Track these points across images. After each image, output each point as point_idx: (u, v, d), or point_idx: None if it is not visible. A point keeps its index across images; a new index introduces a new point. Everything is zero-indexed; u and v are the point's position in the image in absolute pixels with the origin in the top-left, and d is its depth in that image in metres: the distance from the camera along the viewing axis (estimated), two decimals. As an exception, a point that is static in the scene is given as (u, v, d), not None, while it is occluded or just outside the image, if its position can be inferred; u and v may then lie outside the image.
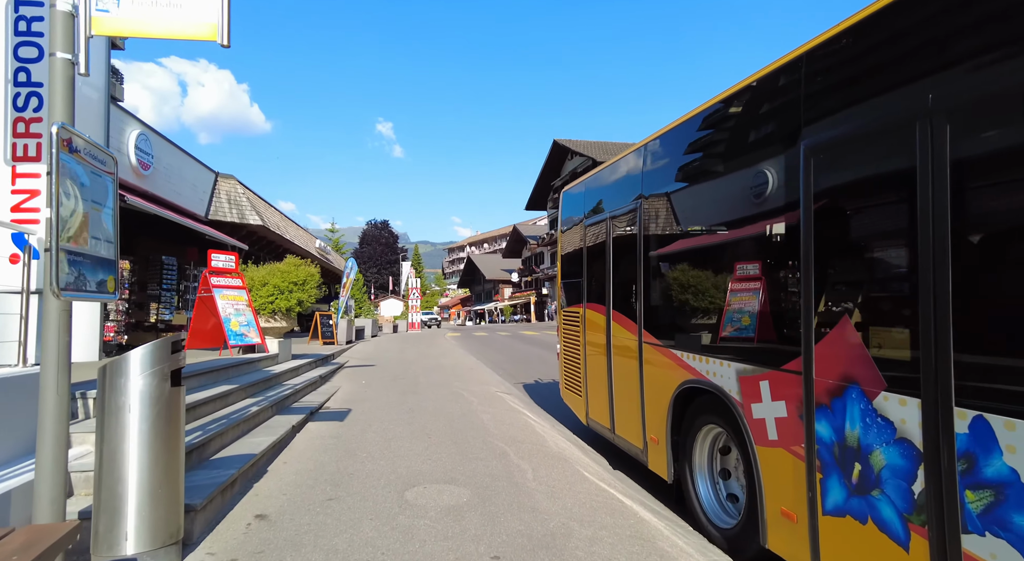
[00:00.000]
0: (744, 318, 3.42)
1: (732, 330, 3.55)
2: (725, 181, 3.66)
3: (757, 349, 3.29)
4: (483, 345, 20.63)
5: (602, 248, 5.57)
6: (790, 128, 3.01)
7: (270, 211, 19.57)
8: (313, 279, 9.80)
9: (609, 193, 5.56)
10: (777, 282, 3.17)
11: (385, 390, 9.20)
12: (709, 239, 3.86)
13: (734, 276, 3.53)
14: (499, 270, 76.61)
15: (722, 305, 3.64)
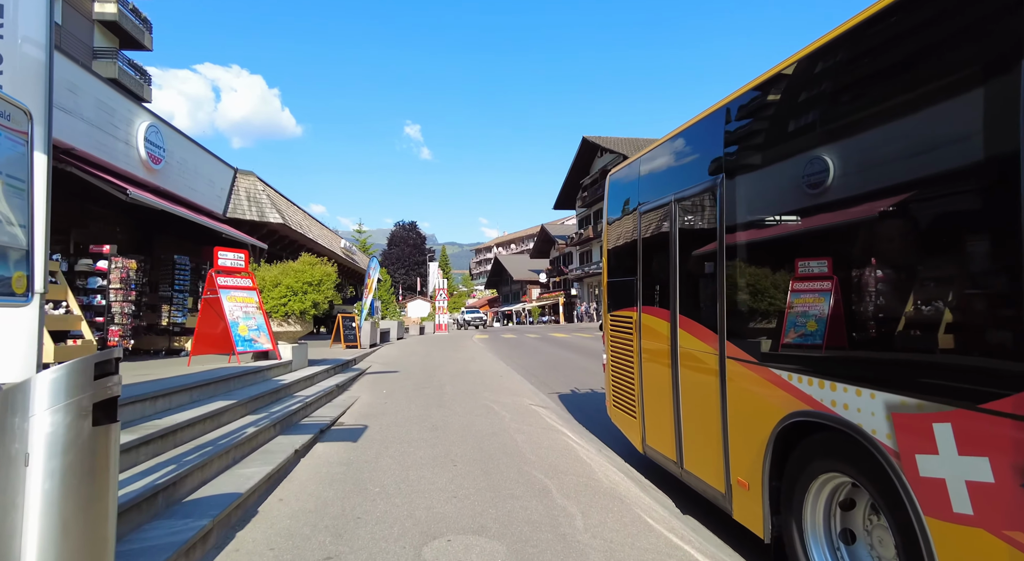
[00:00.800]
0: (910, 328, 2.40)
1: (882, 346, 2.53)
2: (875, 133, 2.61)
3: (932, 373, 2.27)
4: (512, 348, 19.69)
5: (664, 239, 4.57)
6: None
7: (292, 209, 18.96)
8: (330, 279, 8.98)
9: (674, 171, 4.55)
10: (981, 276, 2.15)
11: (407, 401, 8.31)
12: (834, 217, 2.84)
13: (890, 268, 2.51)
14: (527, 271, 75.67)
15: (862, 310, 2.62)
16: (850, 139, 2.76)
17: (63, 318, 8.06)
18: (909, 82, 2.43)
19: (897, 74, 2.53)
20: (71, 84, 8.65)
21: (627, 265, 5.40)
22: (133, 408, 4.31)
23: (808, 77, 3.08)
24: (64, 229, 11.93)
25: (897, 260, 2.62)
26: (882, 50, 2.62)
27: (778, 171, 3.29)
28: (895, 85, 2.52)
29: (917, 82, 2.39)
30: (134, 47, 31.23)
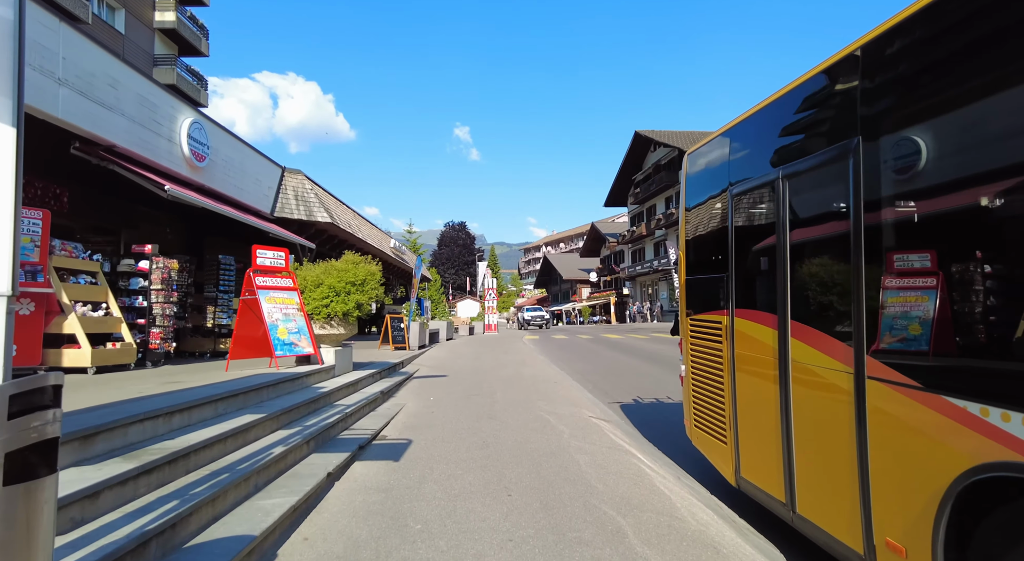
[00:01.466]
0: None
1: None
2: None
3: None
4: (564, 350, 18.84)
5: (767, 226, 3.69)
6: None
7: (341, 208, 18.69)
8: (374, 278, 8.40)
9: (782, 140, 3.66)
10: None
11: (456, 411, 7.63)
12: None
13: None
14: (576, 270, 74.50)
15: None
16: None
17: (102, 320, 7.76)
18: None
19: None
20: (112, 79, 8.37)
21: (713, 259, 4.52)
22: (141, 427, 3.75)
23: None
24: (114, 230, 11.86)
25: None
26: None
27: (950, 124, 2.38)
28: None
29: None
30: (192, 53, 32.01)
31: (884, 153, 2.70)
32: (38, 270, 7.10)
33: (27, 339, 6.97)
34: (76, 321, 7.28)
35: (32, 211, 7.16)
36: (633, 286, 57.20)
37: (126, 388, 5.45)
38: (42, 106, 7.16)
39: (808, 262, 3.33)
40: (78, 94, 7.73)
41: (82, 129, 7.81)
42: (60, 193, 10.46)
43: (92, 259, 8.20)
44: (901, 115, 2.65)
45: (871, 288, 2.75)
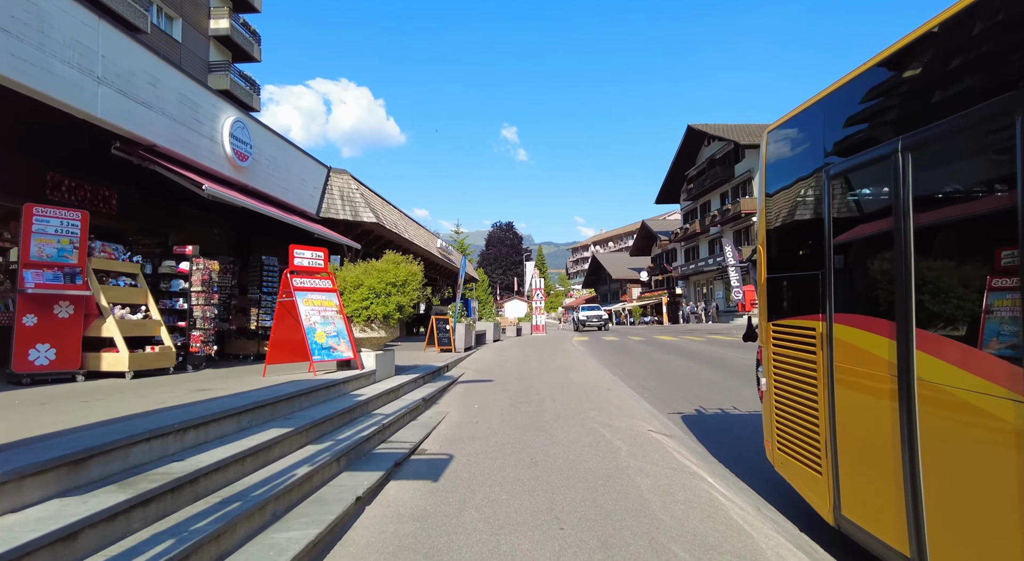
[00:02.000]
0: None
1: None
2: None
3: None
4: (616, 353, 18.05)
5: (881, 211, 2.97)
6: None
7: (387, 208, 18.50)
8: (415, 279, 7.95)
9: (903, 104, 2.93)
10: None
11: (501, 421, 7.08)
12: None
13: None
14: (626, 269, 73.07)
15: None
16: None
17: (141, 323, 7.58)
18: None
19: None
20: (152, 77, 8.22)
21: (804, 253, 3.81)
22: (147, 448, 3.34)
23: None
24: (162, 231, 11.88)
25: None
26: None
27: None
28: None
29: None
30: (245, 59, 32.72)
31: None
32: (77, 272, 6.94)
33: (67, 342, 6.83)
34: (114, 324, 7.11)
35: (71, 212, 7.02)
36: (686, 285, 55.52)
37: (150, 396, 5.15)
38: (81, 105, 7.01)
39: (942, 256, 2.61)
40: (118, 93, 7.58)
41: (122, 128, 7.66)
42: (109, 195, 10.48)
43: (132, 261, 8.05)
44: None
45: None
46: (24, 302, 6.58)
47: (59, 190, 9.39)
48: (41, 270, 6.70)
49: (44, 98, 6.61)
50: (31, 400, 5.05)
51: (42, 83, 6.54)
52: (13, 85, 6.24)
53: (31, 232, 6.68)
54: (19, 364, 6.49)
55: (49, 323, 6.73)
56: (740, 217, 43.33)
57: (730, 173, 45.73)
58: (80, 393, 5.57)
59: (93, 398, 5.12)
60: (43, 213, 6.78)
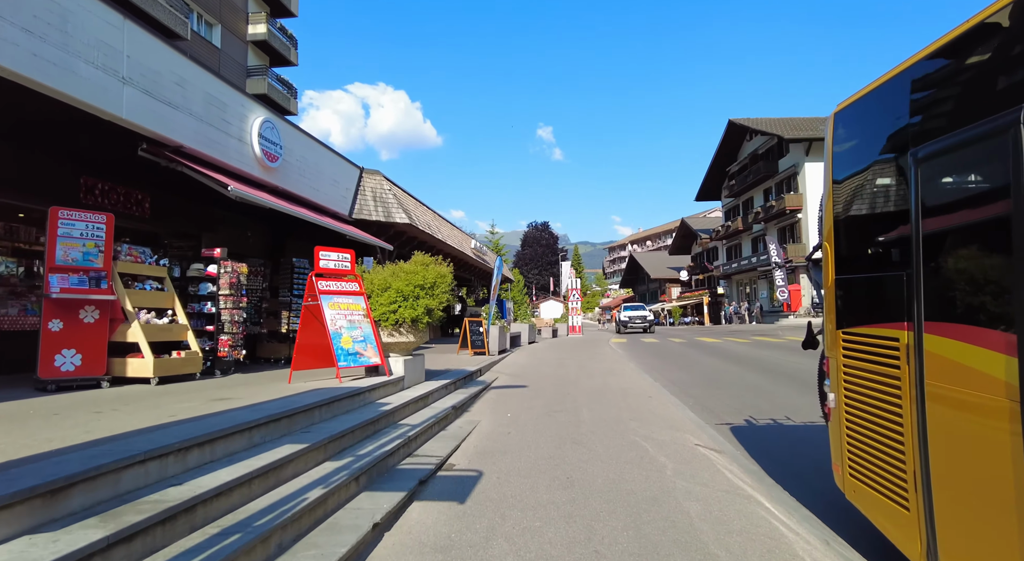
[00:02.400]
0: None
1: None
2: None
3: None
4: (656, 356, 17.39)
5: (994, 195, 2.43)
6: None
7: (420, 209, 18.28)
8: (444, 281, 7.60)
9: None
10: None
11: (535, 432, 6.65)
12: None
13: None
14: (665, 268, 71.66)
15: None
16: None
17: (166, 328, 7.42)
18: None
19: None
20: (178, 77, 8.09)
21: (884, 249, 3.27)
22: (142, 471, 3.04)
23: None
24: (195, 234, 11.86)
25: None
26: None
27: None
28: None
29: None
30: (282, 63, 33.15)
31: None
32: (102, 276, 6.82)
33: (92, 348, 6.70)
34: (139, 329, 6.96)
35: (96, 215, 6.90)
36: (728, 285, 54.04)
37: (166, 406, 4.91)
38: (106, 106, 6.88)
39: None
40: (143, 93, 7.45)
41: (148, 129, 7.53)
42: (142, 199, 10.47)
43: (159, 264, 7.93)
44: None
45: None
46: (50, 307, 6.48)
47: (92, 194, 9.39)
48: (67, 274, 6.59)
49: (68, 99, 6.50)
50: (45, 410, 4.87)
51: (66, 84, 6.43)
52: (36, 86, 6.13)
53: (56, 235, 6.58)
54: (45, 370, 6.39)
55: (75, 328, 6.61)
56: (785, 214, 41.84)
57: (773, 168, 44.22)
58: (97, 402, 5.38)
59: (108, 408, 4.90)
60: (68, 216, 6.67)
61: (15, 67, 5.88)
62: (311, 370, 7.37)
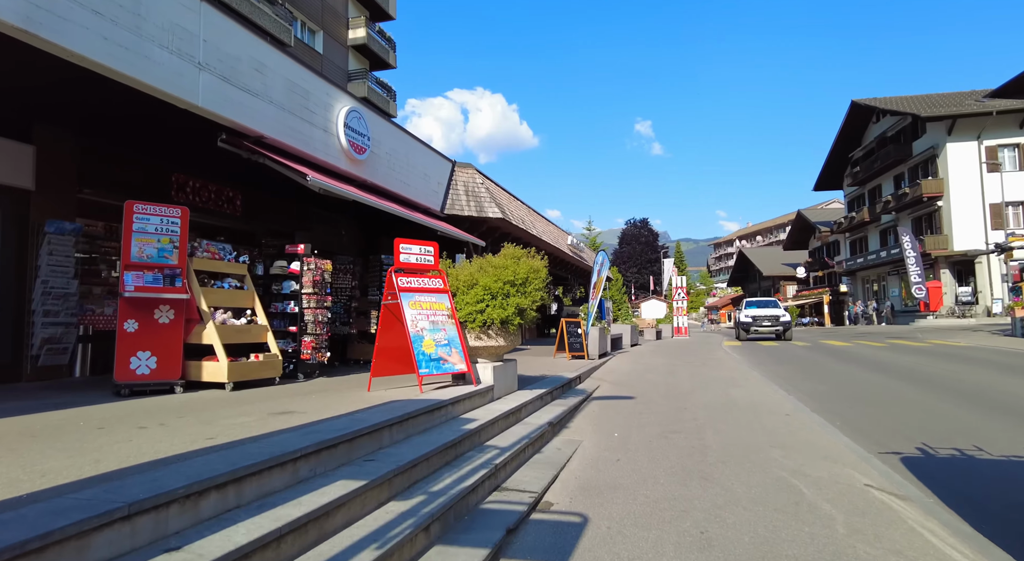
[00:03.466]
0: None
1: None
2: None
3: None
4: (780, 362, 15.37)
5: None
6: None
7: (514, 203, 17.43)
8: (538, 276, 6.58)
9: None
10: None
11: (650, 460, 5.45)
12: None
13: None
14: (779, 265, 66.73)
15: None
16: None
17: (244, 329, 6.94)
18: None
19: None
20: (258, 63, 7.65)
21: None
22: (129, 529, 2.23)
23: None
24: (288, 233, 11.62)
25: None
26: None
27: None
28: None
29: None
30: (381, 67, 33.71)
31: None
32: (177, 274, 6.40)
33: (167, 350, 6.29)
34: (213, 330, 6.50)
35: (171, 209, 6.50)
36: (852, 282, 49.14)
37: (218, 422, 4.23)
38: (181, 94, 6.48)
39: None
40: (220, 80, 7.02)
41: (225, 118, 7.10)
42: (233, 196, 10.31)
43: (239, 261, 7.51)
44: None
45: None
46: (125, 307, 6.14)
47: (184, 191, 9.26)
48: (141, 272, 6.22)
49: (141, 86, 6.12)
50: (97, 420, 4.36)
51: (139, 70, 6.05)
52: (107, 72, 5.76)
53: (131, 231, 6.23)
54: (121, 373, 6.05)
55: (150, 329, 6.24)
56: (920, 202, 37.16)
57: (906, 152, 39.43)
58: (154, 412, 4.85)
59: (156, 421, 4.31)
60: (143, 210, 6.32)
61: (85, 52, 5.52)
62: (392, 377, 6.60)
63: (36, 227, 6.99)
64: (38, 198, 7.08)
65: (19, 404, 5.28)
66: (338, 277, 10.64)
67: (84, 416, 4.61)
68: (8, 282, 6.83)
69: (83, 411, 4.87)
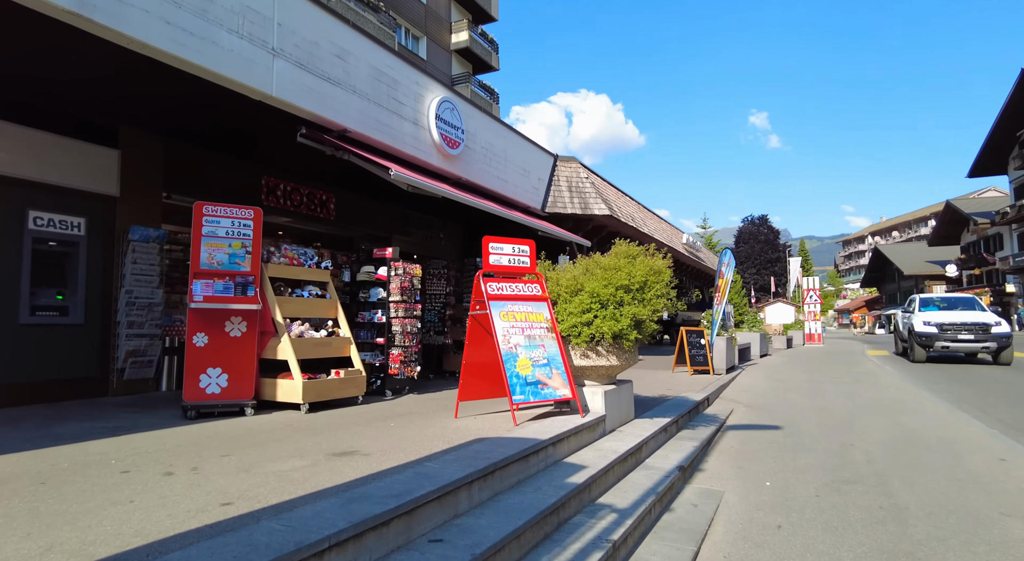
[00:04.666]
0: None
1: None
2: None
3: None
4: (953, 379, 12.63)
5: None
6: None
7: (622, 199, 16.00)
8: (660, 280, 5.27)
9: None
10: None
11: (827, 532, 3.95)
12: None
13: None
14: (922, 263, 59.36)
15: None
16: None
17: (324, 342, 6.22)
18: None
19: None
20: (339, 49, 6.96)
21: None
22: None
23: None
24: (384, 237, 11.05)
25: None
26: None
27: None
28: None
29: None
30: (484, 70, 33.38)
31: None
32: (249, 282, 5.76)
33: (238, 367, 5.66)
34: (288, 344, 5.81)
35: (243, 210, 5.88)
36: (1019, 281, 42.28)
37: (259, 468, 3.36)
38: (253, 82, 5.86)
39: None
40: (297, 67, 6.38)
41: (304, 110, 6.45)
42: (326, 199, 9.83)
43: (321, 266, 6.83)
44: None
45: None
46: (194, 318, 5.58)
47: (274, 195, 8.85)
48: (211, 280, 5.64)
49: (208, 75, 5.53)
50: (125, 461, 3.66)
51: (205, 57, 5.46)
52: (169, 59, 5.19)
53: (201, 235, 5.67)
54: (190, 392, 5.48)
55: (220, 343, 5.65)
56: (1120, 184, 30.88)
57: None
58: (201, 445, 4.11)
59: (186, 466, 3.51)
60: (212, 212, 5.75)
61: (145, 37, 4.97)
62: (483, 400, 5.57)
63: (121, 234, 6.70)
64: (123, 204, 6.81)
65: (76, 426, 4.80)
66: (432, 283, 9.87)
67: (124, 449, 3.96)
68: (95, 293, 6.58)
69: (128, 441, 4.24)
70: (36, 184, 6.07)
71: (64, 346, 6.25)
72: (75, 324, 6.35)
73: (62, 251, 6.27)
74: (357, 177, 8.66)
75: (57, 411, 5.56)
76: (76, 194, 6.42)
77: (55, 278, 6.24)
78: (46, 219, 6.12)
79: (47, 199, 6.14)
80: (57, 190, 6.23)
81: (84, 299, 6.41)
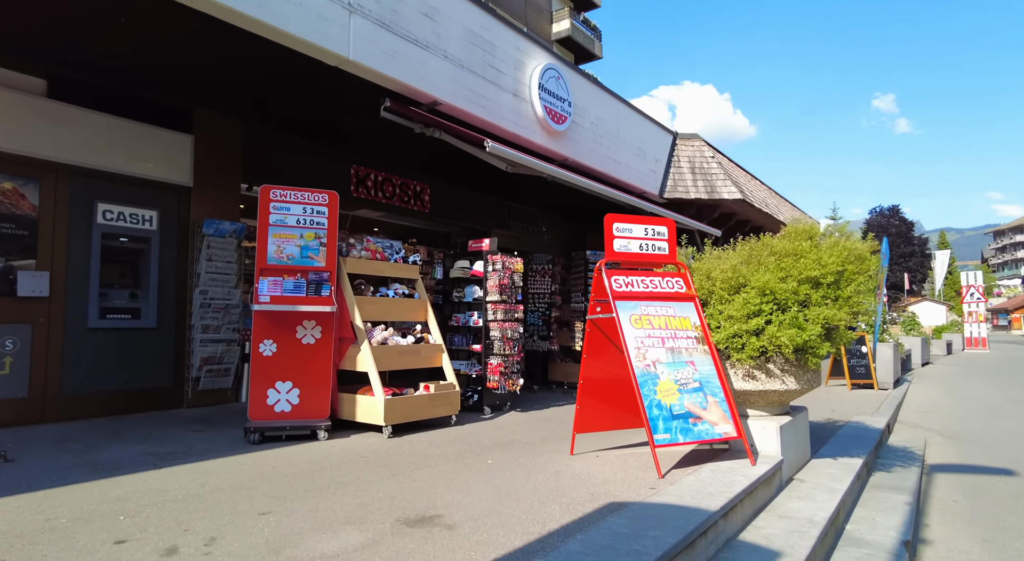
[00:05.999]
0: None
1: None
2: None
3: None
4: None
5: None
6: None
7: (753, 183, 14.00)
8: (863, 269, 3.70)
9: None
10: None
11: None
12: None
13: None
14: (1107, 254, 50.20)
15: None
16: None
17: (411, 350, 5.18)
18: None
19: None
20: (427, 6, 5.93)
21: None
22: None
23: None
24: (482, 231, 10.00)
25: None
26: None
27: None
28: None
29: None
30: (586, 59, 31.84)
31: None
32: (324, 279, 4.83)
33: (311, 380, 4.73)
34: (368, 353, 4.82)
35: (315, 194, 4.97)
36: None
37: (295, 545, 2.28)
38: (326, 44, 4.93)
39: None
40: (378, 26, 5.39)
41: (386, 77, 5.46)
42: (420, 190, 8.92)
43: (408, 261, 5.82)
44: None
45: None
46: (260, 323, 4.72)
47: (364, 185, 8.03)
48: (279, 278, 4.77)
49: (273, 34, 4.65)
50: (140, 515, 2.73)
51: (269, 12, 4.58)
52: (228, 15, 4.39)
53: (268, 224, 4.81)
54: (256, 410, 4.64)
55: (291, 352, 4.76)
56: None
57: None
58: (248, 489, 3.13)
59: (210, 527, 2.51)
60: (282, 197, 4.87)
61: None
62: (606, 432, 4.26)
63: (195, 229, 6.07)
64: (197, 195, 6.18)
65: (123, 450, 4.05)
66: (535, 280, 8.67)
67: (150, 494, 3.07)
68: (168, 294, 5.97)
69: (167, 478, 3.37)
70: (103, 173, 5.50)
71: (136, 352, 5.67)
72: (147, 328, 5.76)
73: (133, 247, 5.69)
74: (451, 163, 7.64)
75: (120, 427, 4.93)
76: (146, 184, 5.83)
77: (126, 277, 5.69)
78: (115, 212, 5.56)
79: (116, 191, 5.58)
80: (126, 180, 5.66)
81: (156, 300, 5.81)
